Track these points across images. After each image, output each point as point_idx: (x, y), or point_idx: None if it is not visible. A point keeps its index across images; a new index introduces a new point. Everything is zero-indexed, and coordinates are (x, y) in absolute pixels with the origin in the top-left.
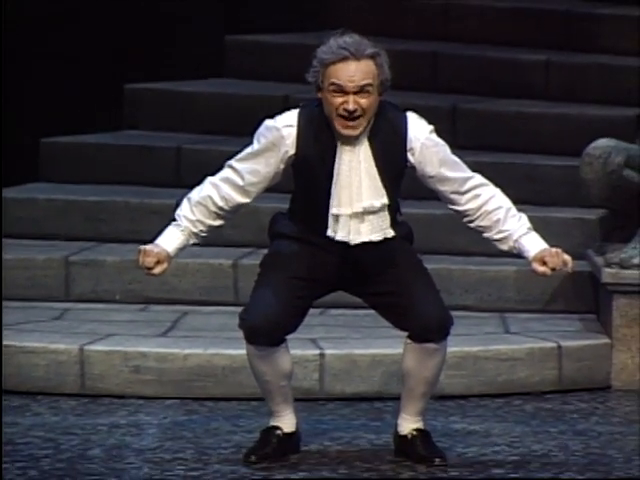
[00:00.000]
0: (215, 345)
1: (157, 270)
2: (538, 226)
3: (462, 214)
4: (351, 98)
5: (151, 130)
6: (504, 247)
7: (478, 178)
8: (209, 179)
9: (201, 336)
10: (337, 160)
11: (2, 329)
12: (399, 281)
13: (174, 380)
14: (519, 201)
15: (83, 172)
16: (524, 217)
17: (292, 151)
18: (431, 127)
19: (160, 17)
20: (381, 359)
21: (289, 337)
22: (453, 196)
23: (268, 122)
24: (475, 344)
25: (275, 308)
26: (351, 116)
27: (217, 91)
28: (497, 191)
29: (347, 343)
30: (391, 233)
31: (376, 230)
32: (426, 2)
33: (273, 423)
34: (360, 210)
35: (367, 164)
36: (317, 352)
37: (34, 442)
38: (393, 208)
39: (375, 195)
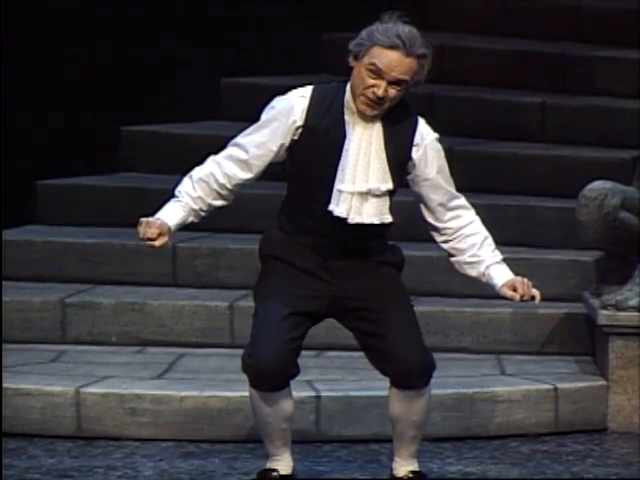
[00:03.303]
0: (211, 387)
1: (159, 242)
2: (534, 268)
3: (440, 231)
4: (383, 85)
5: (147, 172)
6: (472, 272)
7: (463, 200)
8: (212, 157)
9: (197, 378)
10: (348, 137)
11: (1, 371)
12: (383, 323)
13: (170, 422)
14: (515, 243)
15: (80, 214)
16: (497, 251)
17: (300, 122)
18: (437, 135)
19: (157, 60)
20: (377, 401)
21: None
22: (438, 208)
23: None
24: (471, 386)
25: (279, 352)
26: (377, 102)
27: (213, 133)
28: (477, 218)
29: (343, 385)
30: (389, 219)
31: (377, 214)
32: None
33: (270, 465)
34: (364, 190)
35: (378, 147)
36: (313, 394)
37: None
38: (393, 195)
39: (382, 179)
